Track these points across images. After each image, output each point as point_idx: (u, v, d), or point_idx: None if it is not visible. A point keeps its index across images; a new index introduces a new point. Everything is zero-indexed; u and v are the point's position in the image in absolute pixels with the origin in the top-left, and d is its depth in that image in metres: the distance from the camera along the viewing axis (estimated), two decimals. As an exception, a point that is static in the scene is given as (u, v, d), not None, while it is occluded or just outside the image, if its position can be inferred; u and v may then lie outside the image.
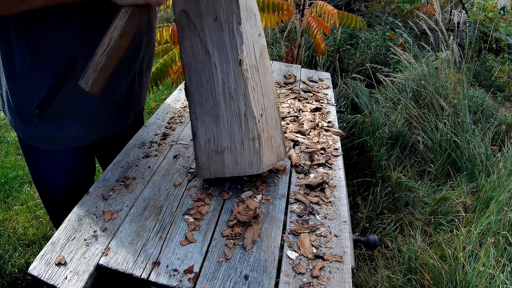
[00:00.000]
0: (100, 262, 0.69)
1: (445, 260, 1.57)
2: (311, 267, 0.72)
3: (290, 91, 1.46)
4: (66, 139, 0.94)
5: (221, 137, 0.86)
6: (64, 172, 1.01)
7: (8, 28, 0.80)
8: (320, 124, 1.22)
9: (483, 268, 1.46)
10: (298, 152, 1.07)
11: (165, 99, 1.26)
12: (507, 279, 1.51)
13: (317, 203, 0.88)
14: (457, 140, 2.30)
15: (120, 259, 0.70)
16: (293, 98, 1.39)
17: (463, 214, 1.89)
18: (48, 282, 0.66)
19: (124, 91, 1.00)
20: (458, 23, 3.66)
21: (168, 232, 0.77)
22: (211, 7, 0.78)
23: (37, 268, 0.68)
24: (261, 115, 0.87)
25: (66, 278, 0.66)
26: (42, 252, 0.71)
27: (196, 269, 0.69)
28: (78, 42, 0.84)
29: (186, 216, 0.81)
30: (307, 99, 1.40)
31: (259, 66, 0.87)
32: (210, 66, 0.82)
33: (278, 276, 0.70)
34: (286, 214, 0.85)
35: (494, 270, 1.49)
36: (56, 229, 0.77)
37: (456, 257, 1.52)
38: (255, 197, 0.89)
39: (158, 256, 0.71)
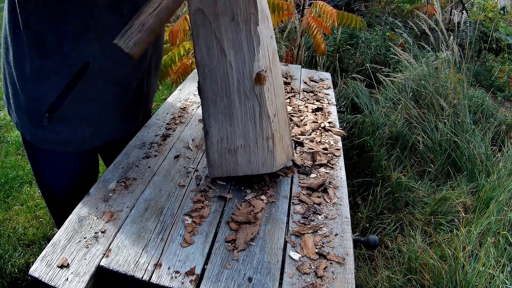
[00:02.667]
0: (101, 263, 0.69)
1: (445, 260, 1.57)
2: (314, 267, 0.71)
3: (291, 91, 1.45)
4: (76, 142, 0.94)
5: (234, 135, 0.86)
6: (70, 173, 1.01)
7: (19, 32, 0.80)
8: (321, 125, 1.22)
9: (483, 268, 1.46)
10: (300, 152, 1.06)
11: (165, 99, 1.26)
12: (507, 279, 1.51)
13: (319, 204, 0.88)
14: (457, 140, 2.30)
15: (121, 261, 0.70)
16: (294, 98, 1.39)
17: (463, 214, 1.89)
18: (49, 283, 0.66)
19: (133, 92, 0.99)
20: (458, 23, 3.66)
21: (169, 234, 0.77)
22: (229, 7, 0.78)
23: (37, 269, 0.67)
24: (275, 115, 0.87)
25: (67, 280, 0.66)
26: (43, 254, 0.70)
27: (198, 271, 0.69)
28: (93, 47, 0.83)
29: (188, 218, 0.81)
30: (308, 99, 1.40)
31: (272, 68, 0.88)
32: (226, 66, 0.82)
33: (281, 278, 0.70)
34: (288, 215, 0.85)
35: (494, 270, 1.49)
36: (58, 229, 0.77)
37: (456, 257, 1.52)
38: (257, 198, 0.88)
39: (160, 258, 0.71)
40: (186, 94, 1.38)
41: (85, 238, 0.74)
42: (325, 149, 1.09)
